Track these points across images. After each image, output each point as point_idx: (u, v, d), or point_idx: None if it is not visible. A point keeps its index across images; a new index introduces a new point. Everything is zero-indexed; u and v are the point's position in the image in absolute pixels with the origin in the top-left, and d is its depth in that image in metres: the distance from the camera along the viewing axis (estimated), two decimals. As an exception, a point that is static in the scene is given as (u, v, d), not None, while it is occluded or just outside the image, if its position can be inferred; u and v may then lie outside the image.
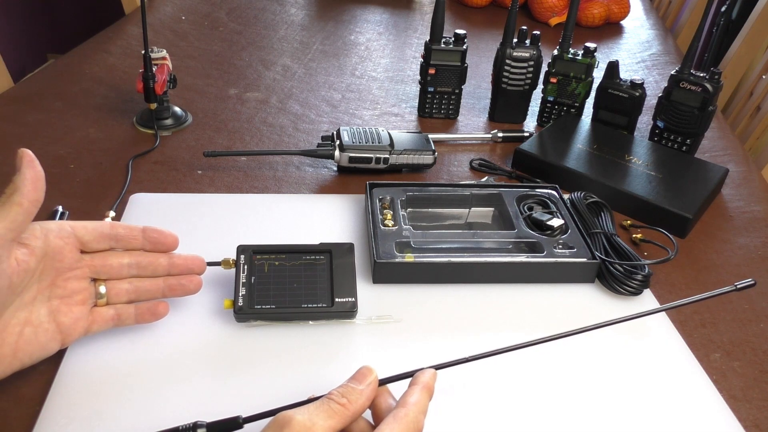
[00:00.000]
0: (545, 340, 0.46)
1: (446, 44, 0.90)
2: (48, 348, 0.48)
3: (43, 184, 0.46)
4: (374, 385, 0.42)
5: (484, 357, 0.45)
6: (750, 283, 0.47)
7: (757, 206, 0.80)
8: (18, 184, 0.44)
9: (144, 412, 0.48)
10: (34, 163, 0.45)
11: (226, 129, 0.90)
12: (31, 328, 0.47)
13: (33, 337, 0.47)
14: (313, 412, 0.38)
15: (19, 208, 0.44)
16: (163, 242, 0.53)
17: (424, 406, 0.41)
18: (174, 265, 0.54)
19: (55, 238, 0.48)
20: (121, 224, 0.52)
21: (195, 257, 0.55)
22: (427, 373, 0.43)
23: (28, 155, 0.45)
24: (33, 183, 0.45)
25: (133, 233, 0.52)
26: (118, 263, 0.52)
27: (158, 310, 0.53)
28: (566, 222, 0.67)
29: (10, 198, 0.44)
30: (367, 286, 0.61)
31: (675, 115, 0.85)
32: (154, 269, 0.53)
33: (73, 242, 0.49)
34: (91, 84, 0.99)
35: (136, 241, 0.52)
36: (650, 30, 1.43)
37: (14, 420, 0.47)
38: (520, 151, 0.83)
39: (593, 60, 0.90)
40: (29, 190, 0.44)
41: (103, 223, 0.52)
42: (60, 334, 0.49)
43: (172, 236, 0.54)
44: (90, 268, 0.51)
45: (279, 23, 1.31)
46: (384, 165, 0.78)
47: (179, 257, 0.54)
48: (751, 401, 0.54)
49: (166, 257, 0.54)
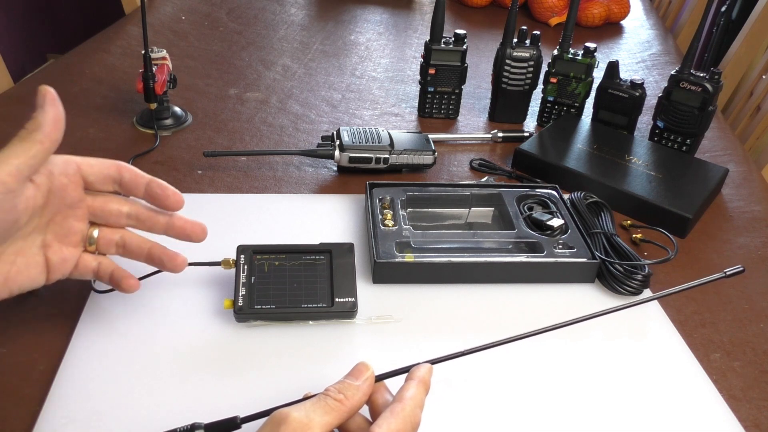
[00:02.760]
0: (540, 332, 0.46)
1: (446, 44, 0.90)
2: (36, 280, 0.48)
3: (63, 124, 0.45)
4: (371, 381, 0.42)
5: (479, 350, 0.45)
6: (739, 269, 0.47)
7: (757, 206, 0.80)
8: (40, 121, 0.43)
9: (144, 412, 0.48)
10: (56, 101, 0.45)
11: (226, 129, 0.90)
12: (24, 259, 0.47)
13: (24, 267, 0.47)
14: (309, 408, 0.38)
15: (40, 146, 0.43)
16: (164, 200, 0.51)
17: (420, 400, 0.41)
18: (172, 226, 0.52)
19: (60, 175, 0.47)
20: (128, 168, 0.50)
21: (196, 223, 0.52)
22: (422, 367, 0.43)
23: (50, 93, 0.44)
24: (54, 122, 0.44)
25: (138, 181, 0.50)
26: (118, 210, 0.51)
27: (127, 284, 0.51)
28: (566, 222, 0.67)
29: (31, 135, 0.43)
30: (367, 286, 0.61)
31: (675, 115, 0.85)
32: (151, 225, 0.52)
33: (77, 180, 0.48)
34: (91, 84, 0.99)
35: (138, 191, 0.51)
36: (650, 30, 1.43)
37: (14, 420, 0.47)
38: (520, 151, 0.83)
39: (593, 60, 0.90)
40: (51, 129, 0.44)
41: (110, 164, 0.50)
42: (45, 270, 0.48)
43: (176, 195, 0.51)
44: (89, 210, 0.50)
45: (279, 23, 1.31)
46: (384, 165, 0.79)
47: (179, 219, 0.52)
48: (751, 401, 0.54)
49: (166, 216, 0.52)
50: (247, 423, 0.42)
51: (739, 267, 0.47)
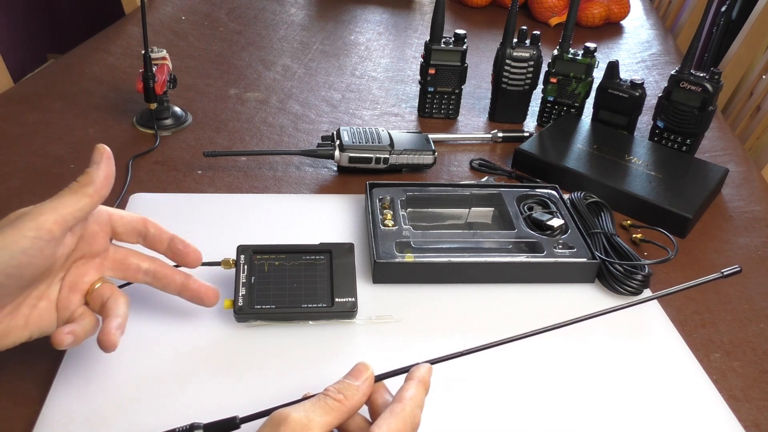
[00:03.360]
0: (540, 332, 0.46)
1: (446, 44, 0.90)
2: (51, 326, 0.48)
3: (113, 182, 0.47)
4: (370, 381, 0.42)
5: (478, 350, 0.45)
6: (736, 269, 0.47)
7: (757, 206, 0.80)
8: (93, 177, 0.45)
9: (144, 412, 0.48)
10: (111, 161, 0.47)
11: (226, 129, 0.90)
12: (45, 303, 0.47)
13: (45, 312, 0.47)
14: (309, 408, 0.38)
15: (89, 200, 0.45)
16: (185, 257, 0.52)
17: (420, 400, 0.41)
18: (187, 288, 0.52)
19: (93, 223, 0.48)
20: (153, 223, 0.52)
21: (210, 287, 0.53)
22: (422, 367, 0.43)
23: (107, 152, 0.47)
24: (106, 179, 0.46)
25: (162, 237, 0.51)
26: (137, 266, 0.51)
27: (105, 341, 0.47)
28: (566, 222, 0.67)
29: (83, 188, 0.45)
30: (367, 286, 0.61)
31: (675, 115, 0.85)
32: (166, 284, 0.52)
33: (107, 229, 0.50)
34: (91, 84, 0.99)
35: (161, 246, 0.52)
36: (650, 30, 1.43)
37: (14, 420, 0.47)
38: (520, 151, 0.83)
39: (593, 60, 0.90)
40: (102, 186, 0.46)
41: (138, 218, 0.51)
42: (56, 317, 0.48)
43: (196, 254, 0.52)
44: (110, 262, 0.50)
45: (279, 23, 1.31)
46: (384, 165, 0.78)
47: (195, 282, 0.53)
48: (751, 401, 0.54)
49: (182, 276, 0.52)
50: (246, 423, 0.42)
51: (736, 267, 0.48)
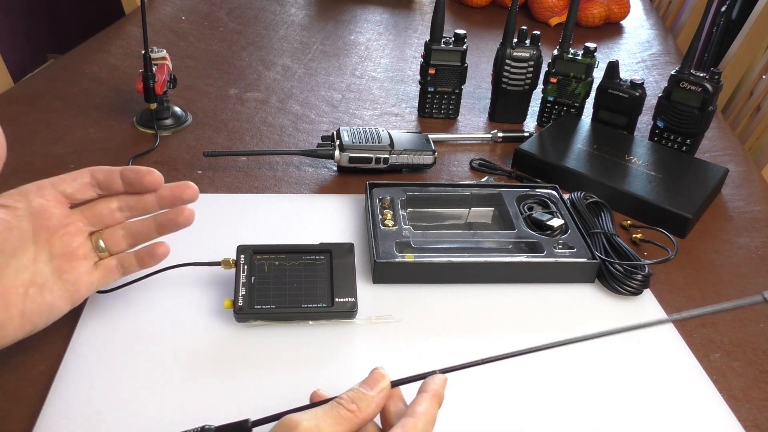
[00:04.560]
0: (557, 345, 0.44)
1: (446, 44, 0.90)
2: (57, 308, 0.48)
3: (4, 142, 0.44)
4: (386, 393, 0.40)
5: (496, 360, 0.43)
6: None
7: (757, 206, 0.80)
8: None
9: (144, 412, 0.48)
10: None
11: (226, 129, 0.90)
12: (36, 289, 0.47)
13: (39, 297, 0.47)
14: (320, 417, 0.37)
15: None
16: (140, 182, 0.50)
17: (432, 416, 0.39)
18: (162, 198, 0.51)
19: (36, 197, 0.48)
20: (99, 168, 0.51)
21: (182, 184, 0.52)
22: (437, 379, 0.41)
23: None
24: None
25: (113, 176, 0.50)
26: (108, 208, 0.51)
27: (157, 253, 0.52)
28: (566, 222, 0.67)
29: None
30: (367, 286, 0.61)
31: (675, 115, 0.85)
32: (144, 207, 0.51)
33: (56, 197, 0.49)
34: (91, 84, 0.99)
35: (117, 185, 0.50)
36: (650, 30, 1.43)
37: (14, 420, 0.47)
38: (520, 151, 0.83)
39: (593, 60, 0.90)
40: None
41: (81, 172, 0.50)
42: (67, 292, 0.49)
43: (150, 174, 0.50)
44: (82, 221, 0.50)
45: (279, 23, 1.31)
46: (384, 165, 0.78)
47: (164, 188, 0.51)
48: (751, 401, 0.54)
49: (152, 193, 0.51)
50: (258, 427, 0.41)
51: None
